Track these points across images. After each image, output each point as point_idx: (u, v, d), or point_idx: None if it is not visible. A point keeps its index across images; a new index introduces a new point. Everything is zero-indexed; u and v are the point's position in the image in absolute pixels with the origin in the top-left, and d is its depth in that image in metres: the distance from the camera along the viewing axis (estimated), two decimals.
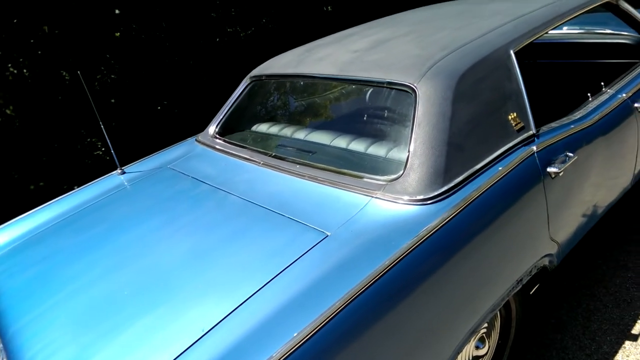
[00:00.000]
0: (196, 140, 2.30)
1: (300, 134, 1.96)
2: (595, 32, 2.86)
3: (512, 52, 1.70)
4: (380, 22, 2.39)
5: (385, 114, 1.73)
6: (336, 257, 1.26)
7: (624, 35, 2.68)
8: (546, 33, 1.87)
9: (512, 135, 1.59)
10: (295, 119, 2.12)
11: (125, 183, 2.08)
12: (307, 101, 2.15)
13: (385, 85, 1.67)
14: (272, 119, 2.18)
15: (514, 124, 1.61)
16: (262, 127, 2.15)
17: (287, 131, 2.02)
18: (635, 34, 2.56)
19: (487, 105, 1.57)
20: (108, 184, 2.10)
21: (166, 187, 1.93)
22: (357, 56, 1.86)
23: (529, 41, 1.78)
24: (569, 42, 2.86)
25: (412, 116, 1.52)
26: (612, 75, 2.50)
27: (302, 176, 1.66)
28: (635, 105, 2.03)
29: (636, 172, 2.17)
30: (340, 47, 2.04)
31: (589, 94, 2.03)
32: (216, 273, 1.30)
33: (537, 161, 1.57)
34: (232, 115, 2.28)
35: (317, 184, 1.60)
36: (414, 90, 1.55)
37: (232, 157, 1.99)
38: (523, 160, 1.54)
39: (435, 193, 1.39)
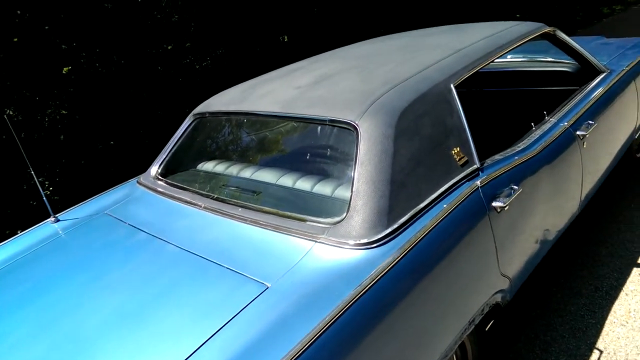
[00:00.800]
0: (137, 182, 2.19)
1: (245, 173, 1.88)
2: (537, 60, 2.94)
3: (452, 86, 1.69)
4: (326, 55, 2.38)
5: (330, 153, 1.68)
6: (276, 312, 1.17)
7: (564, 63, 2.77)
8: (486, 66, 1.88)
9: (456, 170, 1.56)
10: (239, 158, 2.04)
11: (59, 232, 1.93)
12: (251, 139, 2.08)
13: (327, 123, 1.62)
14: (216, 158, 2.10)
15: (457, 159, 1.59)
16: (206, 167, 2.06)
17: (232, 170, 1.94)
18: (574, 62, 2.64)
19: (429, 141, 1.55)
20: (40, 234, 1.94)
21: (100, 237, 1.80)
22: (301, 92, 1.82)
23: (469, 75, 1.78)
24: (513, 71, 2.93)
25: (354, 155, 1.48)
26: (555, 102, 2.56)
27: (244, 220, 1.58)
28: (577, 132, 2.06)
29: (582, 197, 2.19)
30: (284, 83, 2.00)
31: (532, 124, 2.05)
32: (142, 338, 1.18)
33: (482, 196, 1.55)
34: (175, 155, 2.19)
35: (259, 228, 1.52)
36: (355, 128, 1.51)
37: (173, 201, 1.88)
38: (467, 196, 1.51)
39: (380, 235, 1.33)
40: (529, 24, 2.26)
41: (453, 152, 1.59)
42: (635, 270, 2.30)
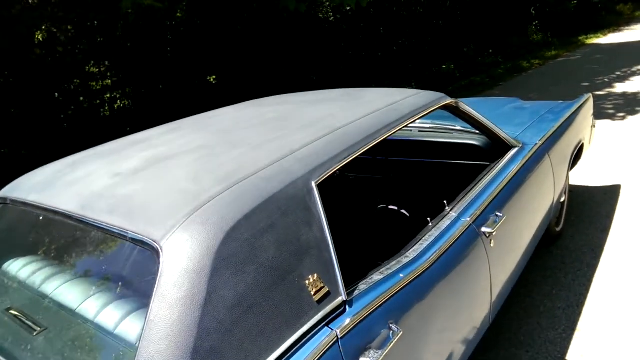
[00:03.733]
0: None
1: (29, 297, 1.32)
2: (445, 127, 2.63)
3: (314, 184, 1.25)
4: (186, 123, 1.90)
5: (120, 288, 1.16)
6: None
7: (472, 135, 2.45)
8: (365, 150, 1.47)
9: (309, 311, 1.09)
10: (31, 270, 1.47)
11: None
12: (52, 245, 1.52)
13: (128, 239, 1.12)
14: (7, 266, 1.51)
15: (312, 292, 1.12)
16: None
17: (19, 288, 1.38)
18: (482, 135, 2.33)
19: (271, 271, 1.08)
20: None
21: None
22: (114, 184, 1.31)
23: (340, 166, 1.35)
24: (415, 140, 2.58)
25: (152, 296, 0.98)
26: (463, 178, 2.22)
27: None
28: (483, 229, 1.68)
29: (493, 307, 1.79)
30: (107, 165, 1.49)
31: (429, 218, 1.66)
32: None
33: (342, 354, 1.08)
34: None
35: None
36: (157, 253, 1.02)
37: None
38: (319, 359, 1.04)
39: None
40: (428, 95, 1.92)
41: (307, 282, 1.13)
42: None
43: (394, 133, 1.62)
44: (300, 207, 1.19)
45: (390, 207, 2.73)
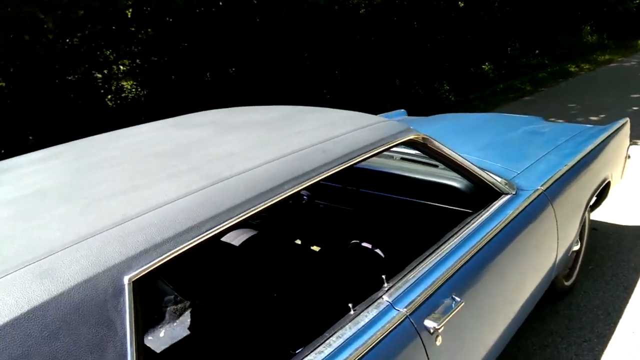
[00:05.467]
0: None
1: None
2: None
3: (126, 281, 0.85)
4: (78, 146, 1.53)
5: None
6: None
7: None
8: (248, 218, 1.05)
9: None
10: None
11: None
12: None
13: None
14: None
15: None
16: None
17: None
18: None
19: None
20: None
21: None
22: None
23: (189, 247, 0.94)
24: (394, 174, 2.11)
25: None
26: (438, 224, 1.77)
27: None
28: (426, 323, 1.23)
29: None
30: None
31: (350, 304, 1.22)
32: None
33: None
34: None
35: None
36: None
37: None
38: None
39: None
40: (387, 128, 1.46)
41: None
42: None
43: (312, 184, 1.19)
44: (94, 322, 0.79)
45: (364, 244, 2.30)
